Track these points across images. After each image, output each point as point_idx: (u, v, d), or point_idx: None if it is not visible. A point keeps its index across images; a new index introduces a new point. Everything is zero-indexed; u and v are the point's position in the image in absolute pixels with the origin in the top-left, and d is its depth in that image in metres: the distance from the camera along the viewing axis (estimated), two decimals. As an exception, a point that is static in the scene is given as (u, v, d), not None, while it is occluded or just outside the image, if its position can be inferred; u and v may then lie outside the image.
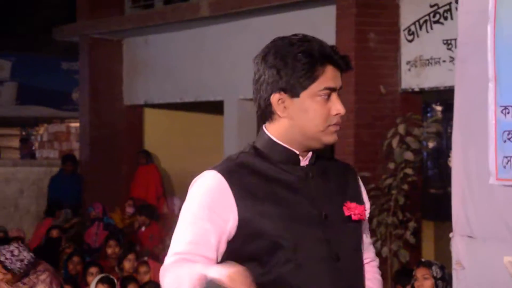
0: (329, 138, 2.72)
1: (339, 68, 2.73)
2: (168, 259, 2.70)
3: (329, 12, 9.56)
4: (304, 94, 2.68)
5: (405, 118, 9.06)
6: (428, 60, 8.95)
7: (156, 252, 10.34)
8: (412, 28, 9.22)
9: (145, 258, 9.08)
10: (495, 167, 5.57)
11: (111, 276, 7.69)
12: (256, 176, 2.69)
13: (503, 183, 5.54)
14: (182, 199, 10.42)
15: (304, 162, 2.75)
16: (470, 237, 5.69)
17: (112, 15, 13.30)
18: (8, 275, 6.97)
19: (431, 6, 8.93)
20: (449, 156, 9.14)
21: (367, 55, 9.29)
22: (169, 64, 12.64)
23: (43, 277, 7.45)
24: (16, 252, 6.99)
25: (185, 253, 2.64)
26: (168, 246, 9.13)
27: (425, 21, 9.05)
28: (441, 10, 8.76)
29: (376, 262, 3.06)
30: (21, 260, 7.16)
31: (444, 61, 8.17)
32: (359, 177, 2.95)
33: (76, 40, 13.80)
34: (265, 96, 2.72)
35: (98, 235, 10.72)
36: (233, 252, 2.65)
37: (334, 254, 2.68)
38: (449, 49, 8.71)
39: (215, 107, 12.14)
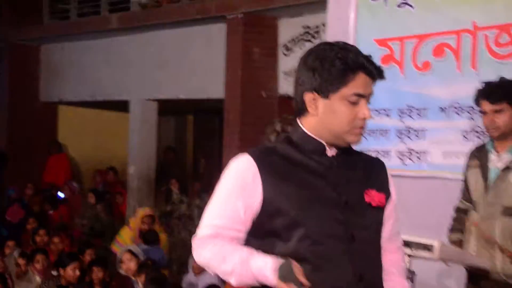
0: (353, 138, 2.57)
1: (371, 77, 2.55)
2: (203, 230, 2.62)
3: (220, 29, 9.66)
4: (334, 97, 2.52)
5: (281, 118, 9.10)
6: None
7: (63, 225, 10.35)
8: (288, 44, 9.33)
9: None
10: None
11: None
12: (284, 160, 2.58)
13: None
14: (82, 183, 10.37)
15: (330, 153, 2.61)
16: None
17: (32, 24, 13.13)
18: None
19: (304, 27, 9.05)
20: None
21: (251, 66, 9.34)
22: (82, 67, 12.55)
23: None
24: None
25: (219, 226, 2.58)
26: (75, 223, 9.14)
27: (299, 39, 9.17)
28: (311, 31, 8.91)
29: (402, 254, 2.87)
30: None
31: None
32: (388, 172, 2.76)
33: (-1, 44, 13.61)
34: (300, 94, 2.58)
35: (17, 213, 10.69)
36: (257, 227, 2.57)
37: (349, 235, 2.54)
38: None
39: (122, 106, 12.06)
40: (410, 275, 3.99)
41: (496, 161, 4.23)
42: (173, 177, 11.11)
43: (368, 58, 2.54)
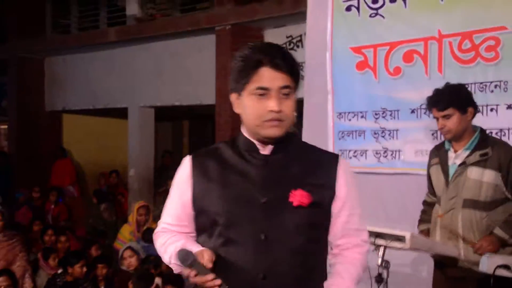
0: (268, 132, 2.41)
1: (278, 69, 2.39)
2: (158, 226, 2.65)
3: (210, 40, 9.66)
4: (243, 93, 2.42)
5: None
6: None
7: (68, 225, 10.41)
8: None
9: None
10: None
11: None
12: (217, 161, 2.50)
13: None
14: (86, 186, 10.35)
15: (264, 151, 2.49)
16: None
17: (36, 38, 13.10)
18: None
19: (287, 37, 9.05)
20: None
21: None
22: (83, 78, 12.53)
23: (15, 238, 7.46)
24: None
25: (166, 223, 2.60)
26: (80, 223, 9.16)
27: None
28: (294, 40, 8.93)
29: (361, 248, 2.60)
30: None
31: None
32: (342, 168, 2.54)
33: (4, 57, 13.51)
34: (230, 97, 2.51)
35: (26, 215, 10.75)
36: (196, 224, 2.54)
37: (262, 233, 2.40)
38: (300, 69, 8.61)
39: (121, 113, 12.04)
40: (385, 264, 4.06)
41: (454, 158, 4.30)
42: (171, 179, 11.03)
43: (276, 53, 2.42)
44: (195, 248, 2.41)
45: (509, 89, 4.85)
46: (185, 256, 2.34)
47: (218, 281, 2.31)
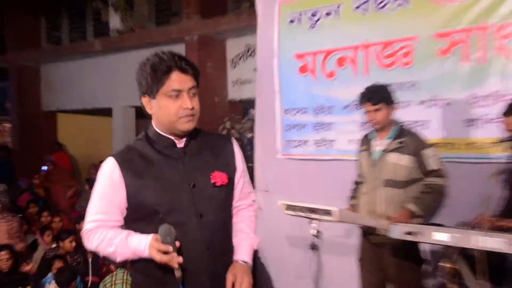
0: (184, 126, 2.44)
1: (186, 73, 2.42)
2: (88, 224, 2.52)
3: (180, 48, 9.58)
4: (158, 96, 2.41)
5: (230, 117, 9.16)
6: (244, 80, 9.12)
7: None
8: (235, 59, 9.37)
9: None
10: (281, 147, 5.97)
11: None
12: (142, 159, 2.47)
13: (285, 157, 5.93)
14: (80, 175, 10.29)
15: (180, 144, 2.50)
16: (266, 191, 6.00)
17: (32, 48, 13.04)
18: None
19: (246, 46, 9.08)
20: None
21: (206, 77, 9.29)
22: (74, 82, 12.46)
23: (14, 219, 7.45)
24: None
25: (100, 220, 2.49)
26: (74, 206, 9.06)
27: (242, 55, 9.21)
28: (252, 48, 8.92)
29: (253, 207, 2.75)
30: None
31: (254, 81, 7.76)
32: (235, 146, 2.65)
33: (5, 66, 13.43)
34: (139, 99, 2.51)
35: (27, 200, 10.63)
36: (129, 214, 2.49)
37: (198, 213, 2.43)
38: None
39: (107, 112, 11.99)
40: (318, 234, 4.08)
41: (377, 146, 4.37)
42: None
43: (180, 60, 2.43)
44: (143, 236, 2.40)
45: (420, 88, 4.92)
46: (167, 232, 2.31)
47: (180, 259, 2.32)
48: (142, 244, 2.38)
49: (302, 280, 4.21)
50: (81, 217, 9.38)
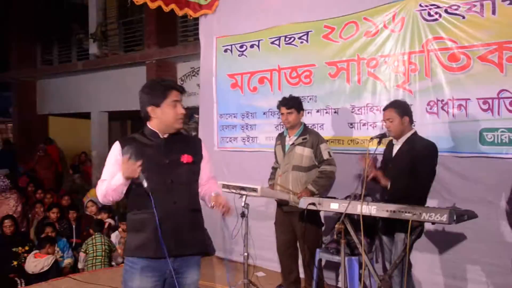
0: (178, 125, 2.59)
1: (180, 91, 2.61)
2: (100, 180, 2.62)
3: (142, 70, 9.38)
4: (163, 105, 2.56)
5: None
6: (191, 93, 8.65)
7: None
8: (183, 78, 9.11)
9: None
10: (217, 142, 5.87)
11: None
12: (136, 143, 2.58)
13: (220, 150, 5.84)
14: (66, 163, 9.91)
15: (163, 136, 2.61)
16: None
17: (30, 68, 12.55)
18: None
19: (191, 68, 8.89)
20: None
21: None
22: (61, 94, 12.00)
23: (13, 196, 7.07)
24: None
25: (105, 179, 2.58)
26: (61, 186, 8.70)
27: (189, 75, 8.98)
28: (195, 70, 8.72)
29: (214, 179, 2.80)
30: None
31: (197, 94, 7.83)
32: (202, 143, 2.76)
33: (8, 81, 12.83)
34: (144, 108, 2.61)
35: (25, 181, 10.15)
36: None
37: (170, 180, 2.54)
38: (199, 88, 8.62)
39: (87, 116, 11.62)
40: (246, 206, 4.04)
41: (288, 141, 4.35)
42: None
43: (174, 83, 2.65)
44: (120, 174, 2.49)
45: (317, 101, 4.95)
46: (127, 152, 2.51)
47: (139, 162, 2.43)
48: (119, 175, 2.49)
49: (235, 239, 4.19)
50: (66, 193, 9.09)
